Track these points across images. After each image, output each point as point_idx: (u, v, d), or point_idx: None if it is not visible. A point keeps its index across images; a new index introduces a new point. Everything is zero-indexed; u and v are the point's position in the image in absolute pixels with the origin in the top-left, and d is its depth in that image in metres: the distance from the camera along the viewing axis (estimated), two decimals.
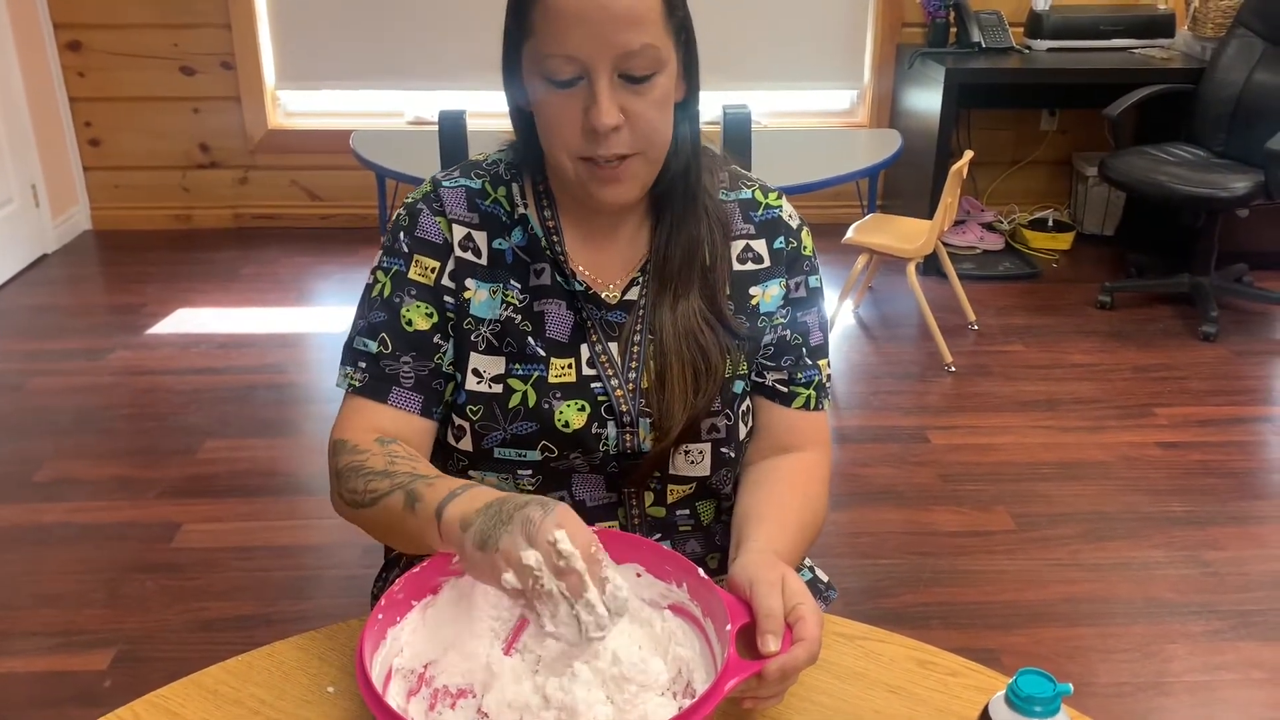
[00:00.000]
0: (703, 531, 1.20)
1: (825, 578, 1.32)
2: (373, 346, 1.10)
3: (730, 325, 1.13)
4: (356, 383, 1.10)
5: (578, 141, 1.01)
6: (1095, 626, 2.18)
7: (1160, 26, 4.07)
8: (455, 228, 1.11)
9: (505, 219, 1.12)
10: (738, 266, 1.15)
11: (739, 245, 1.16)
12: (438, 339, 1.10)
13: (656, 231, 1.13)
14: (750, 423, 1.18)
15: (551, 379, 1.10)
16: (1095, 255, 4.27)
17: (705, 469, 1.14)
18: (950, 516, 2.56)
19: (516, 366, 1.10)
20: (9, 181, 3.92)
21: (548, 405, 1.09)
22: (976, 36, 3.99)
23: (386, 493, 0.98)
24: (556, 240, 1.11)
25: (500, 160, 1.15)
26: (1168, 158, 3.65)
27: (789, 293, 1.17)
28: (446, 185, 1.13)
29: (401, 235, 1.12)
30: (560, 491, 1.13)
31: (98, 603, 2.23)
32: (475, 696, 0.90)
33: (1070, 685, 0.80)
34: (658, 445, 1.10)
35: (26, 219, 4.04)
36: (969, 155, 3.34)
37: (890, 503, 2.62)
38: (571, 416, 1.09)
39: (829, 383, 1.20)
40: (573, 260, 1.12)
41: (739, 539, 1.04)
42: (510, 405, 1.09)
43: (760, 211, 1.17)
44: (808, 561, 1.31)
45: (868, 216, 3.51)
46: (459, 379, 1.11)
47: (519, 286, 1.11)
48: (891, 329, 3.66)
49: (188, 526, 2.49)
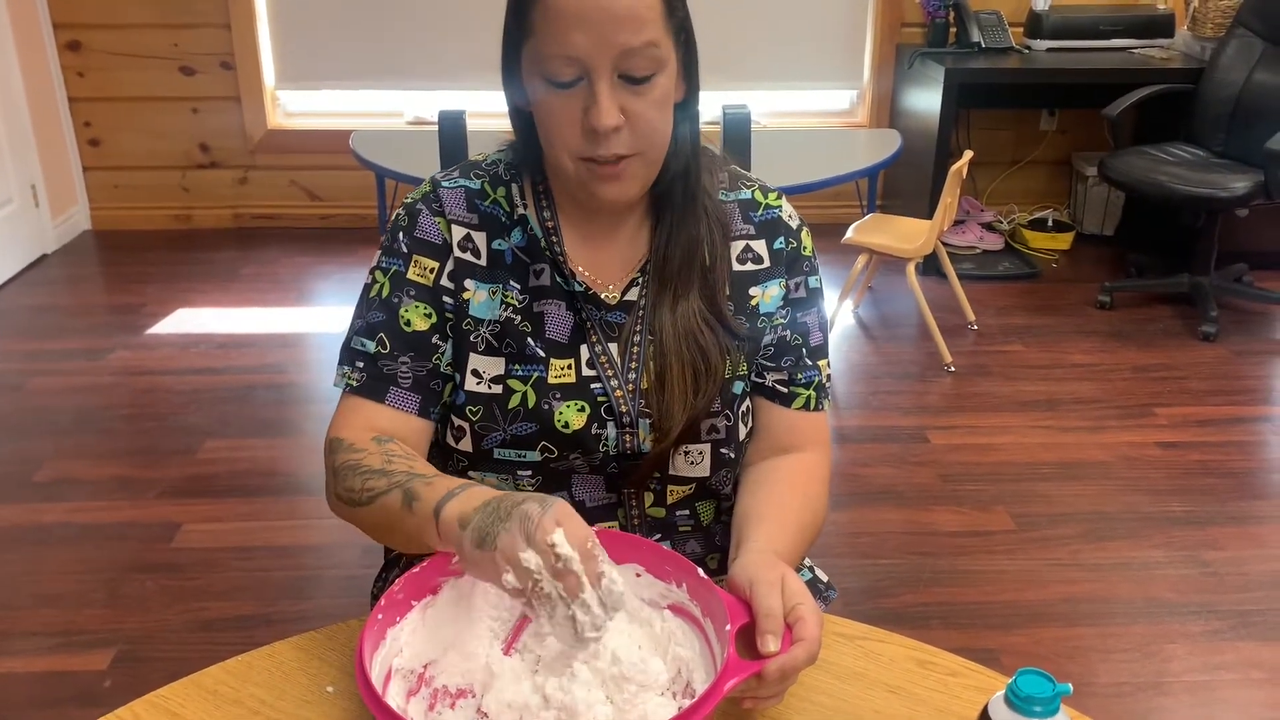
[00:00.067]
0: (702, 532, 1.20)
1: (825, 578, 1.32)
2: (371, 346, 1.10)
3: (730, 326, 1.13)
4: (354, 382, 1.10)
5: (578, 142, 1.01)
6: (1095, 626, 2.18)
7: (1160, 26, 4.07)
8: (454, 228, 1.11)
9: (505, 219, 1.12)
10: (737, 267, 1.15)
11: (739, 246, 1.16)
12: (436, 339, 1.10)
13: (656, 232, 1.13)
14: (750, 423, 1.18)
15: (551, 380, 1.10)
16: (1095, 255, 4.27)
17: (705, 470, 1.14)
18: (950, 516, 2.56)
19: (516, 367, 1.10)
20: (9, 181, 3.92)
21: (547, 406, 1.09)
22: (976, 36, 3.99)
23: (384, 491, 0.98)
24: (556, 241, 1.11)
25: (500, 160, 1.15)
26: (1167, 158, 3.65)
27: (789, 293, 1.17)
28: (446, 186, 1.13)
29: (400, 235, 1.12)
30: (560, 492, 1.13)
31: (98, 603, 2.23)
32: (475, 696, 0.90)
33: (1070, 685, 0.80)
34: (657, 446, 1.10)
35: (26, 219, 4.04)
36: (968, 155, 3.34)
37: (890, 503, 2.62)
38: (571, 417, 1.09)
39: (829, 383, 1.20)
40: (572, 261, 1.12)
41: (739, 539, 1.05)
42: (510, 406, 1.09)
43: (760, 212, 1.17)
44: (807, 561, 1.31)
45: (867, 216, 3.51)
46: (458, 380, 1.11)
47: (518, 287, 1.11)
48: (891, 329, 3.66)
49: (188, 526, 2.49)
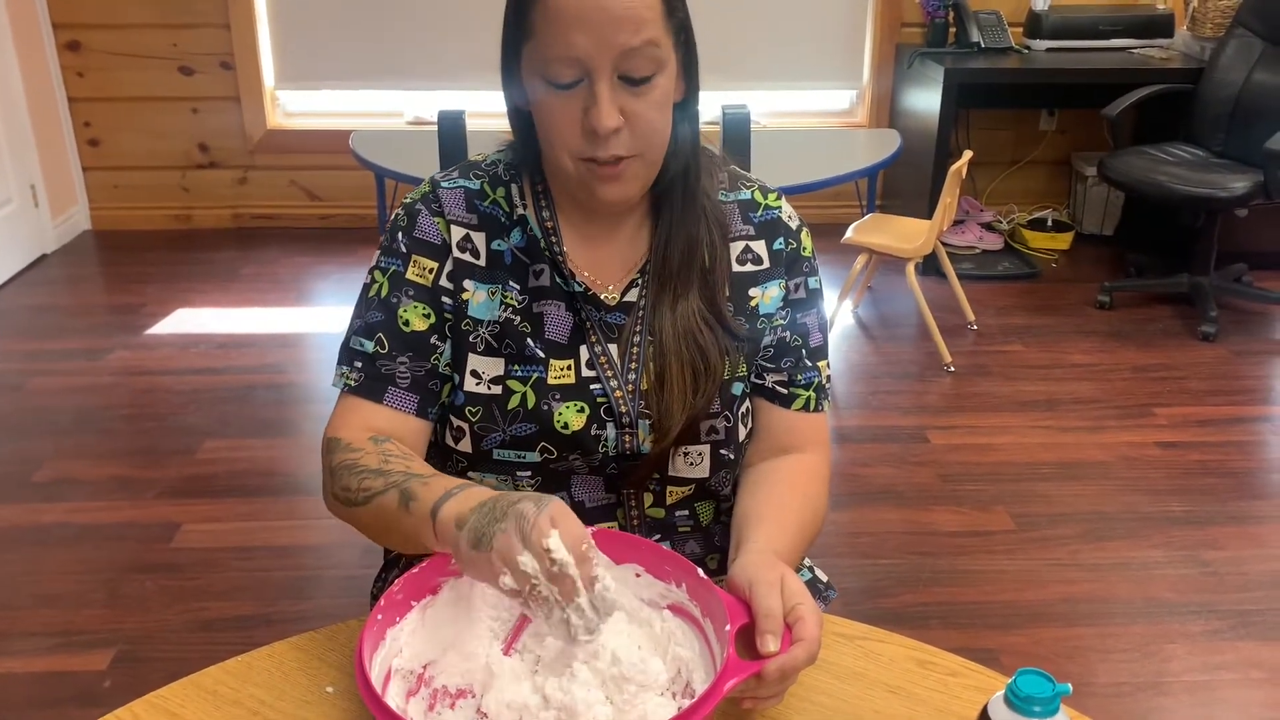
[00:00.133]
0: (702, 532, 1.20)
1: (825, 578, 1.32)
2: (369, 346, 1.10)
3: (729, 326, 1.12)
4: (352, 382, 1.10)
5: (578, 142, 1.01)
6: (1094, 626, 2.18)
7: (1159, 26, 4.07)
8: (454, 228, 1.11)
9: (504, 220, 1.12)
10: (737, 268, 1.15)
11: (738, 246, 1.16)
12: (435, 340, 1.10)
13: (655, 232, 1.13)
14: (750, 424, 1.18)
15: (551, 380, 1.09)
16: (1094, 255, 4.27)
17: (704, 471, 1.14)
18: (949, 516, 2.56)
19: (515, 368, 1.10)
20: (8, 182, 3.92)
21: (547, 407, 1.09)
22: (975, 36, 3.99)
23: (380, 491, 0.98)
24: (555, 241, 1.11)
25: (499, 161, 1.15)
26: (1167, 158, 3.65)
27: (788, 294, 1.17)
28: (445, 186, 1.13)
29: (400, 235, 1.12)
30: (559, 493, 1.13)
31: (97, 603, 2.23)
32: (474, 697, 0.90)
33: (1069, 685, 0.80)
34: (657, 446, 1.10)
35: (26, 219, 4.04)
36: (968, 155, 3.34)
37: (889, 503, 2.62)
38: (571, 418, 1.09)
39: (828, 384, 1.20)
40: (572, 261, 1.12)
41: (738, 540, 1.04)
42: (509, 407, 1.09)
43: (760, 212, 1.17)
44: (807, 561, 1.31)
45: (867, 216, 3.51)
46: (457, 380, 1.11)
47: (518, 288, 1.11)
48: (891, 329, 3.66)
49: (187, 526, 2.49)
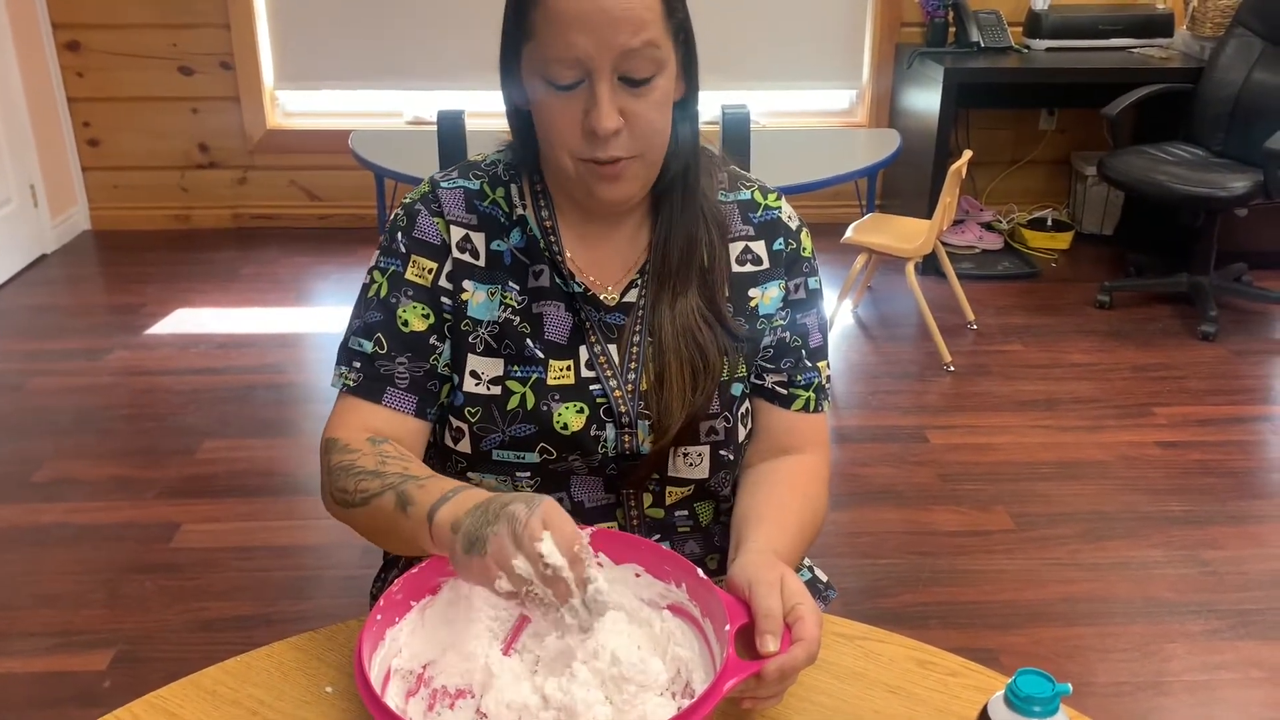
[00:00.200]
0: (701, 532, 1.20)
1: (824, 577, 1.32)
2: (368, 347, 1.10)
3: (729, 326, 1.12)
4: (351, 382, 1.10)
5: (578, 143, 1.01)
6: (1094, 626, 2.18)
7: (1159, 26, 4.07)
8: (453, 229, 1.11)
9: (504, 220, 1.12)
10: (736, 268, 1.15)
11: (738, 247, 1.16)
12: (434, 340, 1.10)
13: (655, 232, 1.13)
14: (749, 425, 1.18)
15: (550, 381, 1.09)
16: (1094, 255, 4.27)
17: (704, 471, 1.14)
18: (949, 516, 2.56)
19: (515, 368, 1.10)
20: (8, 182, 3.92)
21: (546, 407, 1.09)
22: (975, 36, 3.99)
23: (377, 493, 0.98)
24: (554, 241, 1.11)
25: (499, 161, 1.15)
26: (1166, 157, 3.65)
27: (788, 294, 1.17)
28: (445, 186, 1.13)
29: (399, 235, 1.11)
30: (559, 493, 1.13)
31: (97, 603, 2.23)
32: (474, 697, 0.90)
33: (1069, 685, 0.80)
34: (656, 445, 1.10)
35: (25, 219, 4.04)
36: (968, 155, 3.34)
37: (889, 502, 2.62)
38: (570, 418, 1.09)
39: (828, 384, 1.20)
40: (571, 261, 1.12)
41: (738, 540, 1.04)
42: (509, 407, 1.09)
43: (759, 213, 1.17)
44: (807, 561, 1.31)
45: (866, 216, 3.51)
46: (456, 381, 1.11)
47: (517, 288, 1.11)
48: (890, 329, 3.66)
49: (187, 527, 2.49)
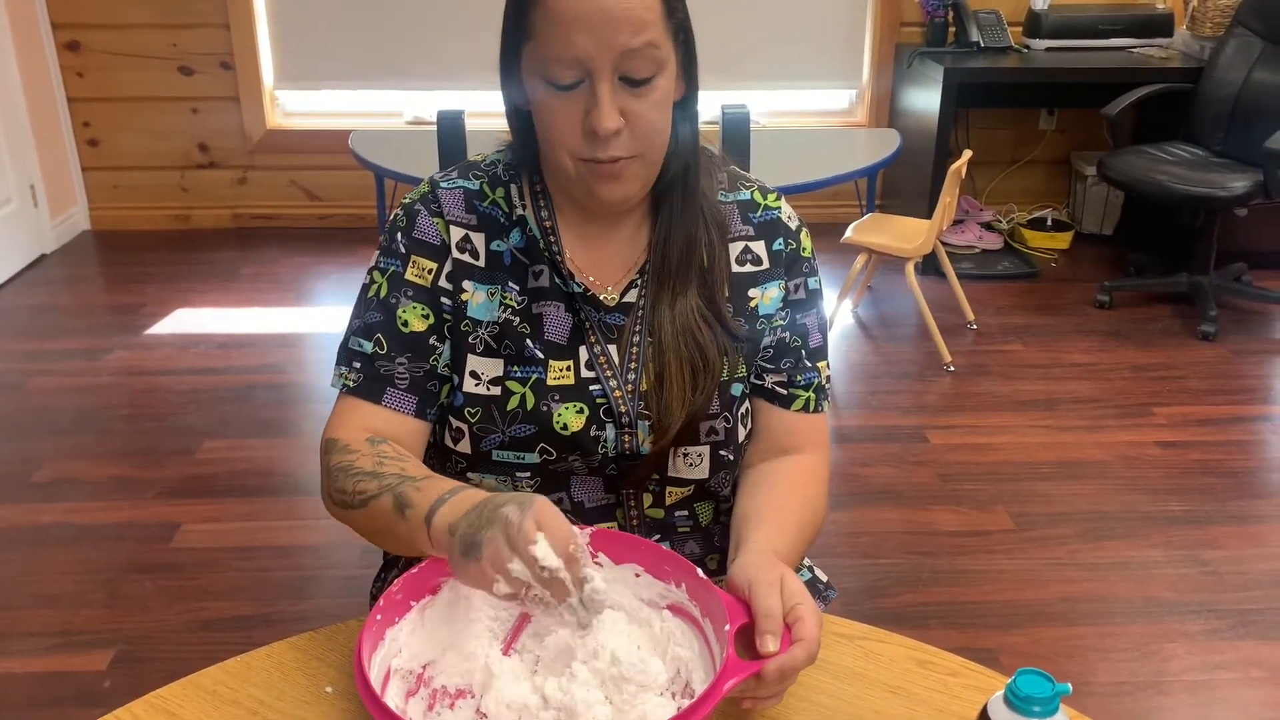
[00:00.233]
0: (701, 533, 1.20)
1: (824, 577, 1.32)
2: (368, 347, 1.10)
3: (728, 325, 1.12)
4: (351, 383, 1.10)
5: (578, 143, 1.01)
6: (1094, 626, 2.18)
7: (1159, 26, 4.07)
8: (453, 229, 1.11)
9: (503, 220, 1.12)
10: (736, 268, 1.15)
11: (738, 247, 1.16)
12: (434, 340, 1.10)
13: (654, 232, 1.13)
14: (749, 425, 1.17)
15: (550, 381, 1.09)
16: (1094, 254, 4.27)
17: (704, 472, 1.14)
18: (949, 516, 2.56)
19: (515, 369, 1.10)
20: (7, 182, 3.92)
21: (546, 408, 1.09)
22: (975, 36, 3.99)
23: (375, 495, 0.98)
24: (554, 241, 1.11)
25: (499, 161, 1.15)
26: (1166, 157, 3.65)
27: (788, 295, 1.17)
28: (444, 186, 1.13)
29: (399, 236, 1.11)
30: (559, 493, 1.13)
31: (97, 603, 2.23)
32: (474, 697, 0.90)
33: (1069, 685, 0.80)
34: (656, 445, 1.10)
35: (25, 219, 4.04)
36: (967, 154, 3.34)
37: (889, 502, 2.62)
38: (570, 419, 1.09)
39: (828, 384, 1.20)
40: (571, 262, 1.12)
41: (738, 540, 1.04)
42: (509, 408, 1.09)
43: (759, 213, 1.17)
44: (806, 561, 1.31)
45: (866, 216, 3.51)
46: (456, 381, 1.11)
47: (517, 288, 1.11)
48: (890, 328, 3.66)
49: (187, 527, 2.49)
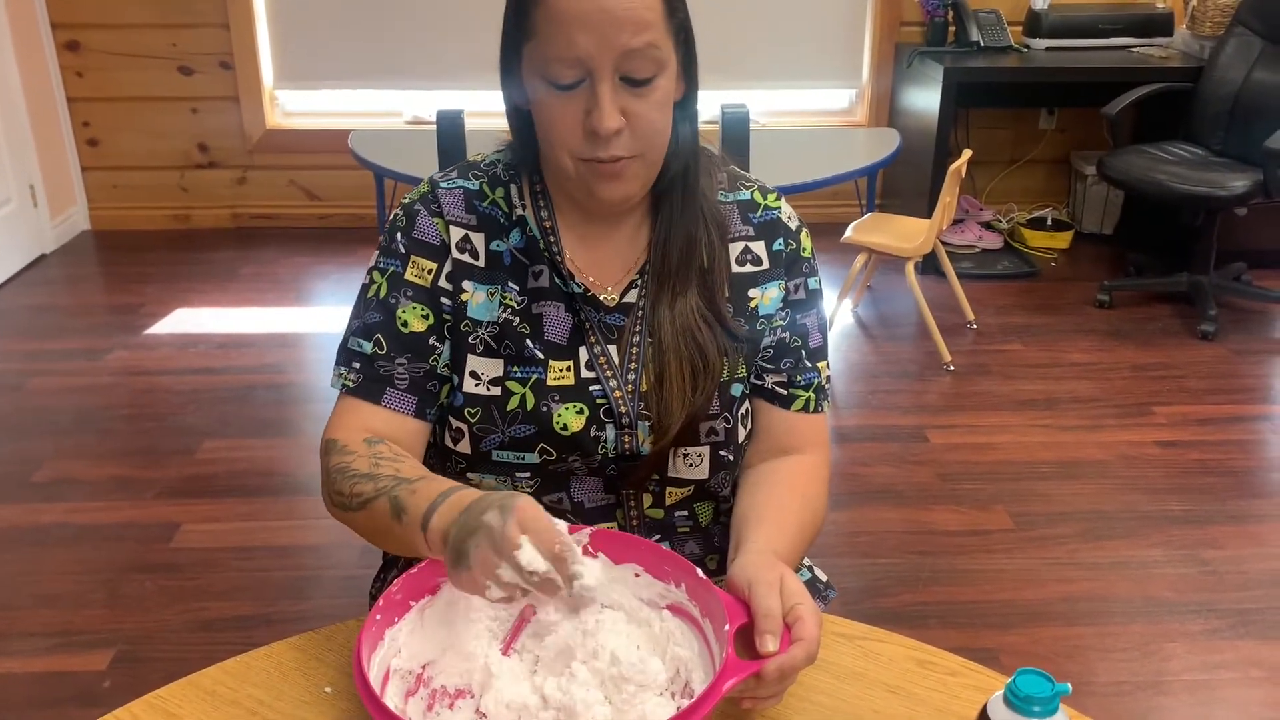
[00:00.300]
0: (701, 533, 1.20)
1: (824, 577, 1.32)
2: (367, 347, 1.10)
3: (728, 326, 1.12)
4: (350, 383, 1.10)
5: (579, 143, 1.01)
6: (1094, 626, 2.18)
7: (1159, 25, 4.07)
8: (453, 229, 1.11)
9: (503, 220, 1.12)
10: (736, 269, 1.15)
11: (738, 247, 1.15)
12: (433, 341, 1.10)
13: (654, 232, 1.12)
14: (749, 426, 1.17)
15: (550, 381, 1.09)
16: (1094, 254, 4.27)
17: (704, 472, 1.14)
18: (949, 516, 2.56)
19: (515, 369, 1.10)
20: (7, 182, 3.92)
21: (546, 408, 1.09)
22: (975, 35, 3.99)
23: (372, 497, 0.98)
24: (554, 241, 1.11)
25: (498, 161, 1.15)
26: (1166, 156, 3.65)
27: (788, 295, 1.17)
28: (444, 186, 1.13)
29: (399, 236, 1.11)
30: (559, 493, 1.13)
31: (97, 603, 2.23)
32: (473, 697, 0.90)
33: (1069, 685, 0.80)
34: (656, 445, 1.10)
35: (25, 219, 4.04)
36: (967, 154, 3.34)
37: (889, 502, 2.62)
38: (570, 419, 1.09)
39: (828, 384, 1.20)
40: (570, 262, 1.12)
41: (738, 540, 1.04)
42: (509, 408, 1.09)
43: (759, 213, 1.17)
44: (806, 561, 1.31)
45: (866, 215, 3.51)
46: (456, 381, 1.11)
47: (517, 288, 1.11)
48: (890, 328, 3.66)
49: (187, 527, 2.49)
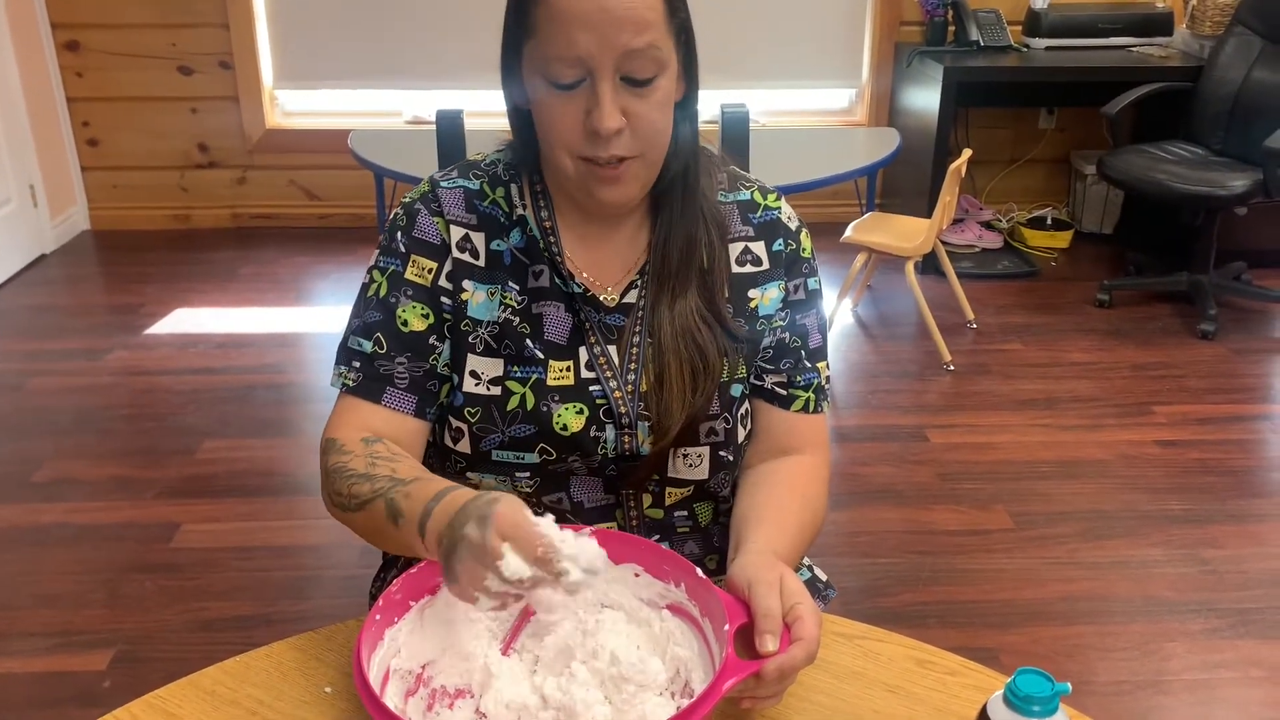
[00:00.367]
0: (701, 533, 1.20)
1: (824, 577, 1.32)
2: (367, 346, 1.10)
3: (729, 327, 1.12)
4: (350, 382, 1.10)
5: (579, 143, 1.01)
6: (1094, 625, 2.18)
7: (1158, 24, 4.07)
8: (453, 228, 1.11)
9: (503, 220, 1.12)
10: (736, 269, 1.15)
11: (738, 248, 1.15)
12: (433, 340, 1.10)
13: (654, 232, 1.12)
14: (749, 426, 1.17)
15: (550, 381, 1.09)
16: (1094, 253, 4.27)
17: (704, 472, 1.14)
18: (949, 515, 2.56)
19: (515, 369, 1.10)
20: (7, 182, 3.92)
21: (546, 408, 1.09)
22: (975, 35, 3.99)
23: (369, 498, 0.98)
24: (554, 241, 1.11)
25: (499, 161, 1.15)
26: (1166, 156, 3.65)
27: (788, 295, 1.17)
28: (444, 186, 1.13)
29: (399, 235, 1.11)
30: (558, 493, 1.13)
31: (97, 603, 2.23)
32: (473, 697, 0.90)
33: (1069, 684, 0.80)
34: (656, 445, 1.10)
35: (25, 219, 4.03)
36: (967, 154, 3.34)
37: (889, 502, 2.62)
38: (570, 419, 1.09)
39: (828, 384, 1.20)
40: (570, 262, 1.12)
41: (737, 540, 1.04)
42: (508, 408, 1.09)
43: (759, 213, 1.17)
44: (806, 561, 1.31)
45: (866, 215, 3.51)
46: (456, 381, 1.11)
47: (517, 288, 1.11)
48: (890, 328, 3.66)
49: (187, 527, 2.49)
